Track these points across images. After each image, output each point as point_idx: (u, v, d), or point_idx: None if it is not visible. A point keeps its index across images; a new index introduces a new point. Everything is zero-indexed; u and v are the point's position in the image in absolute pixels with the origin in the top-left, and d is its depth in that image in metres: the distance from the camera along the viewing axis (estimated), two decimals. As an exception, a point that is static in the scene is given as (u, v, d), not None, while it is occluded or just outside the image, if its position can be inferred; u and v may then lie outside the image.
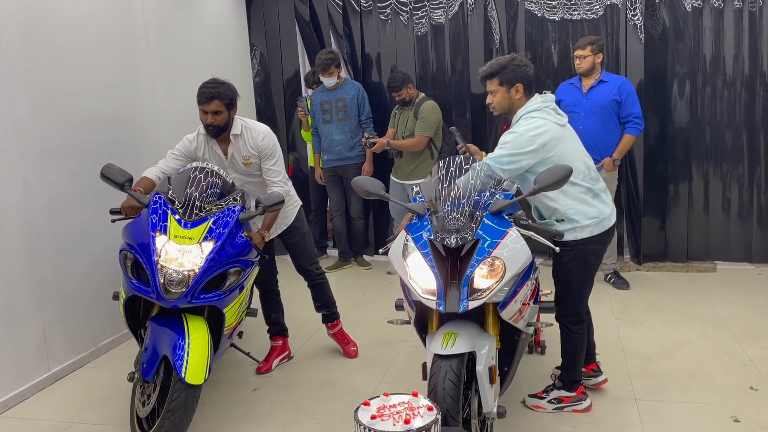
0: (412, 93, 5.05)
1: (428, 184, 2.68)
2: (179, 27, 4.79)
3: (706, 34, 4.93)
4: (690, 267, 5.13)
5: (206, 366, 2.77)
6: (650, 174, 5.17)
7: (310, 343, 3.99)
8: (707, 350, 3.62)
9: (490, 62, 2.82)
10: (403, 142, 5.00)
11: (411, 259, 2.46)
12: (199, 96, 3.24)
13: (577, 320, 2.90)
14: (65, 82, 3.69)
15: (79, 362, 3.78)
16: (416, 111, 4.99)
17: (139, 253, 2.82)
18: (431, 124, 4.96)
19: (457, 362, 2.31)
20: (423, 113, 4.95)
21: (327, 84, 5.29)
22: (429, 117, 4.94)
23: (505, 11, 5.23)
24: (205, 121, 3.26)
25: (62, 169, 3.66)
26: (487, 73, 2.80)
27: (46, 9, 3.56)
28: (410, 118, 5.01)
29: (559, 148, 2.70)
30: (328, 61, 5.17)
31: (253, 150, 3.35)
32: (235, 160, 3.38)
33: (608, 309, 4.35)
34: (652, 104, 5.07)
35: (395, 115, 5.23)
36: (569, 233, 2.72)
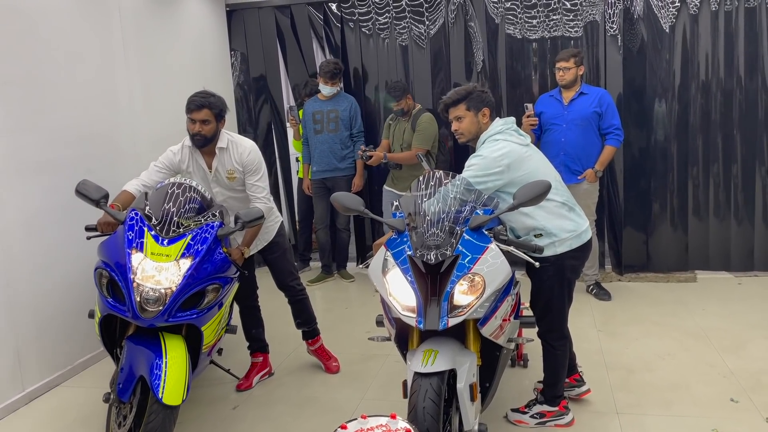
0: (410, 104, 5.04)
1: (408, 199, 2.67)
2: (158, 40, 4.75)
3: (683, 48, 4.99)
4: (671, 277, 5.16)
5: (184, 386, 2.72)
6: (631, 185, 5.20)
7: (291, 359, 3.95)
8: (688, 362, 3.63)
9: (454, 90, 2.86)
10: (400, 155, 4.94)
11: (390, 276, 2.44)
12: (188, 104, 3.22)
13: (559, 336, 2.90)
14: (40, 96, 3.64)
15: (55, 381, 3.71)
16: (413, 123, 4.97)
17: (114, 271, 2.77)
18: (429, 137, 4.94)
19: (438, 380, 2.28)
20: (421, 126, 4.93)
21: (327, 93, 5.26)
22: (427, 130, 4.93)
23: (485, 26, 5.25)
24: (193, 130, 3.23)
25: (37, 185, 3.60)
26: (453, 99, 2.82)
27: (20, 23, 3.51)
28: (407, 129, 4.99)
29: (525, 167, 2.73)
30: (336, 70, 5.17)
31: (238, 165, 3.33)
32: (219, 174, 3.35)
33: (590, 320, 4.35)
34: (631, 116, 5.12)
35: (389, 126, 5.20)
36: (548, 248, 2.72)
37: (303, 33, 5.71)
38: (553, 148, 4.66)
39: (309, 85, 5.59)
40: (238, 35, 5.83)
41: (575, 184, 4.64)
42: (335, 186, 5.36)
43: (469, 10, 5.27)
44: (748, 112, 4.96)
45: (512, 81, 5.32)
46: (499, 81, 5.33)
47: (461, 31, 5.32)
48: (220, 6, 5.68)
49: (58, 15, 3.78)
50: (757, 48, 4.88)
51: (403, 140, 5.00)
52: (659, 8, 4.97)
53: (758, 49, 4.88)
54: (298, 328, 3.72)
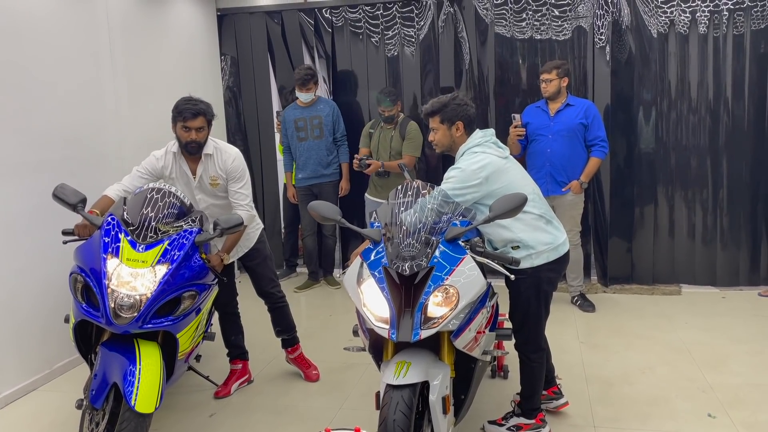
0: (399, 109, 5.04)
1: (385, 209, 2.66)
2: (147, 43, 4.74)
3: (672, 60, 5.01)
4: (655, 290, 5.16)
5: (157, 394, 2.69)
6: (617, 197, 5.21)
7: (271, 366, 3.93)
8: (668, 376, 3.62)
9: (432, 100, 2.87)
10: (395, 164, 4.85)
11: (365, 286, 2.43)
12: (182, 112, 3.20)
13: (535, 348, 2.89)
14: (23, 98, 3.62)
15: (32, 385, 3.68)
16: (402, 130, 4.96)
17: (89, 277, 2.74)
18: (419, 145, 4.99)
19: (409, 392, 2.27)
20: (411, 134, 4.94)
21: (304, 99, 5.26)
22: (417, 138, 4.96)
23: (475, 31, 5.26)
24: (188, 138, 3.22)
25: (17, 187, 3.58)
26: (429, 110, 2.84)
27: (4, 26, 3.49)
28: (395, 137, 4.97)
29: (503, 179, 2.73)
30: (307, 77, 5.16)
31: (222, 171, 3.32)
32: (202, 181, 3.35)
33: (573, 332, 4.35)
34: (618, 128, 5.13)
35: (369, 134, 5.19)
36: (525, 260, 2.71)
37: (293, 39, 5.71)
38: (539, 158, 4.67)
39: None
40: (228, 40, 5.83)
41: (560, 195, 4.64)
42: (322, 192, 5.35)
43: (459, 18, 5.28)
44: (735, 124, 4.97)
45: (500, 89, 5.33)
46: (488, 88, 5.34)
47: (451, 39, 5.33)
48: (210, 10, 5.67)
49: (43, 17, 3.76)
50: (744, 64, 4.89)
51: (392, 148, 4.99)
52: (648, 18, 4.98)
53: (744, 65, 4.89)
54: (278, 336, 3.70)
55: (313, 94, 5.26)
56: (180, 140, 3.27)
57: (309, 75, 5.18)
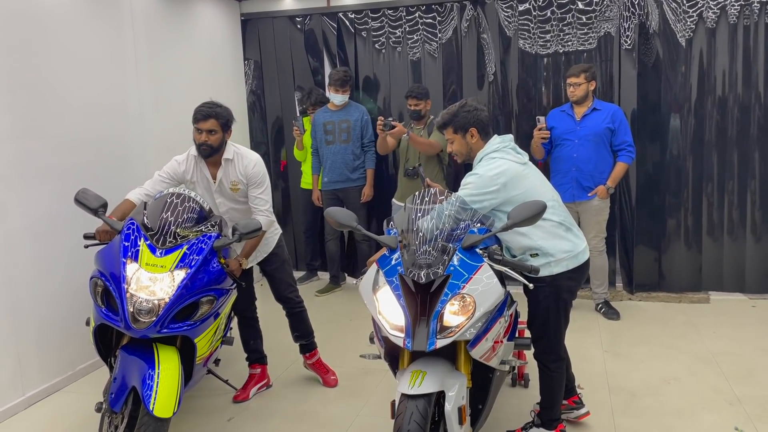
0: (428, 108, 4.99)
1: (401, 215, 2.64)
2: (171, 47, 4.79)
3: (699, 64, 4.89)
4: (683, 298, 5.04)
5: (175, 399, 2.70)
6: (643, 202, 5.11)
7: (290, 371, 3.93)
8: (694, 387, 3.53)
9: (442, 113, 2.87)
10: (421, 140, 4.71)
11: (381, 294, 2.41)
12: (195, 114, 3.25)
13: (555, 358, 2.84)
14: (49, 103, 3.68)
15: (55, 386, 3.73)
16: (430, 131, 4.93)
17: (109, 281, 2.77)
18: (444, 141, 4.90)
19: (424, 403, 2.24)
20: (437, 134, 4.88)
21: (338, 102, 5.25)
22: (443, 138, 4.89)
23: (498, 34, 5.21)
24: (199, 140, 3.26)
25: (42, 191, 3.64)
26: (440, 123, 2.84)
27: (30, 31, 3.56)
28: (424, 134, 4.91)
29: (522, 186, 2.70)
30: (346, 77, 5.17)
31: (242, 177, 3.34)
32: (222, 185, 3.36)
33: (596, 340, 4.27)
34: (645, 132, 5.03)
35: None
36: (544, 268, 2.67)
37: (315, 44, 5.72)
38: (565, 164, 4.60)
39: (314, 93, 5.56)
40: (252, 44, 5.86)
41: (586, 200, 4.57)
42: (347, 197, 5.34)
43: (482, 22, 5.24)
44: (766, 128, 4.84)
45: (524, 93, 5.27)
46: (511, 93, 5.28)
47: (473, 43, 5.28)
48: (234, 15, 5.71)
49: (68, 21, 3.82)
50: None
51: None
52: (675, 22, 4.89)
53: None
54: (296, 341, 3.70)
55: (347, 98, 5.25)
56: (195, 142, 3.30)
57: (347, 77, 5.18)
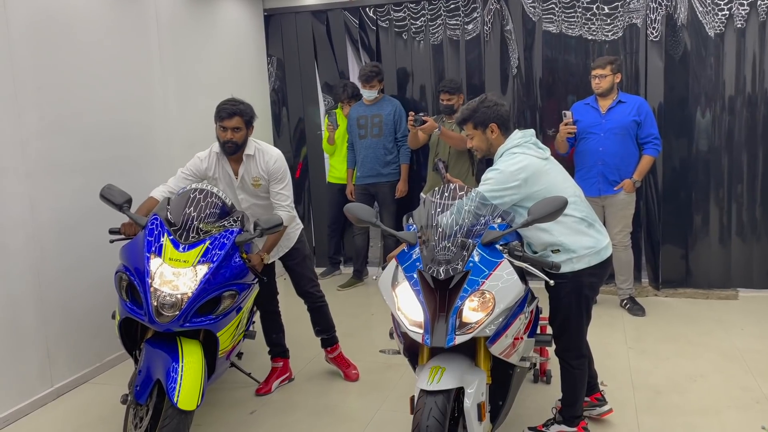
0: (460, 102, 4.94)
1: (421, 211, 2.63)
2: (195, 44, 4.84)
3: (728, 57, 4.78)
4: (711, 294, 4.95)
5: (199, 391, 2.74)
6: (670, 196, 5.02)
7: (312, 364, 3.95)
8: (720, 385, 3.47)
9: (462, 108, 2.84)
10: (453, 134, 4.66)
11: (400, 290, 2.41)
12: (219, 112, 3.27)
13: (576, 355, 2.81)
14: (75, 100, 3.74)
15: (83, 378, 3.81)
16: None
17: (133, 275, 2.82)
18: None
19: (443, 399, 2.24)
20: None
21: (367, 97, 5.25)
22: None
23: (522, 27, 5.16)
24: (224, 138, 3.28)
25: (70, 186, 3.71)
26: (460, 119, 2.82)
27: (57, 28, 3.62)
28: (456, 131, 4.85)
29: (543, 181, 2.67)
30: (372, 73, 5.16)
31: (264, 173, 3.36)
32: (244, 181, 3.39)
33: (621, 336, 4.22)
34: (672, 126, 4.94)
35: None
36: (566, 264, 2.64)
37: (337, 37, 5.72)
38: (591, 157, 4.54)
39: (349, 87, 5.54)
40: (275, 40, 5.88)
41: (612, 194, 4.51)
42: (378, 192, 5.35)
43: (506, 14, 5.19)
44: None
45: (548, 87, 5.21)
46: (534, 86, 5.23)
47: (497, 36, 5.24)
48: (258, 10, 5.74)
49: (94, 19, 3.87)
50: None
51: None
52: (704, 14, 4.78)
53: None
54: (318, 335, 3.73)
55: (377, 92, 5.24)
56: (218, 140, 3.33)
57: (373, 72, 5.16)
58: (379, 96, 5.29)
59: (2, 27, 3.29)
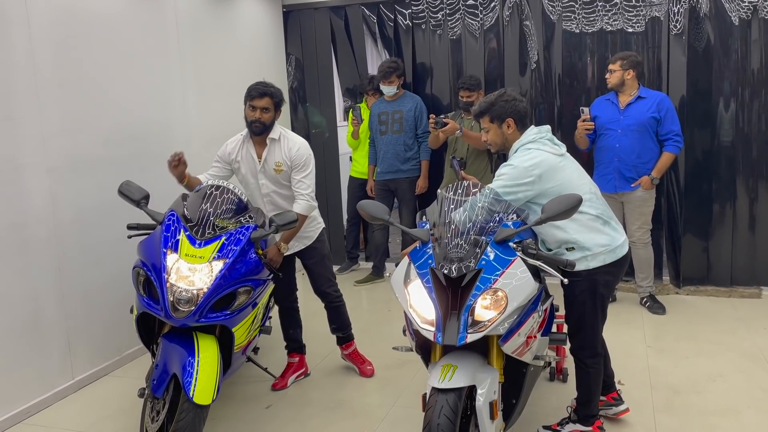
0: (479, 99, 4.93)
1: (434, 208, 2.62)
2: (214, 41, 4.87)
3: (754, 48, 4.68)
4: (733, 292, 4.87)
5: (215, 386, 2.77)
6: (692, 192, 4.94)
7: (327, 360, 3.97)
8: (741, 385, 3.42)
9: (480, 100, 2.84)
10: (474, 134, 4.58)
11: (412, 287, 2.41)
12: (250, 91, 3.36)
13: (592, 354, 2.79)
14: (96, 97, 3.79)
15: (104, 371, 3.87)
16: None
17: (150, 271, 2.86)
18: None
19: (454, 397, 2.24)
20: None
21: (387, 93, 5.25)
22: None
23: (542, 22, 5.11)
24: (253, 117, 3.34)
25: (91, 182, 3.76)
26: (477, 111, 2.81)
27: (78, 26, 3.66)
28: (475, 127, 4.81)
29: (557, 178, 2.64)
30: (390, 69, 5.15)
31: (287, 158, 3.39)
32: (267, 165, 3.42)
33: (640, 335, 4.17)
34: (695, 120, 4.86)
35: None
36: (580, 262, 2.62)
37: (356, 33, 5.72)
38: (607, 154, 4.49)
39: (376, 79, 5.44)
40: (293, 38, 5.88)
41: (629, 191, 4.45)
42: (398, 188, 5.35)
43: (525, 8, 5.14)
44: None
45: (568, 82, 5.15)
46: (554, 81, 5.17)
47: (516, 30, 5.19)
48: (276, 7, 5.76)
49: (114, 17, 3.92)
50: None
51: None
52: (729, 4, 4.68)
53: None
54: (333, 333, 3.75)
55: (396, 88, 5.23)
56: (246, 119, 3.38)
57: (391, 68, 5.15)
58: (399, 92, 5.28)
59: (24, 25, 3.35)
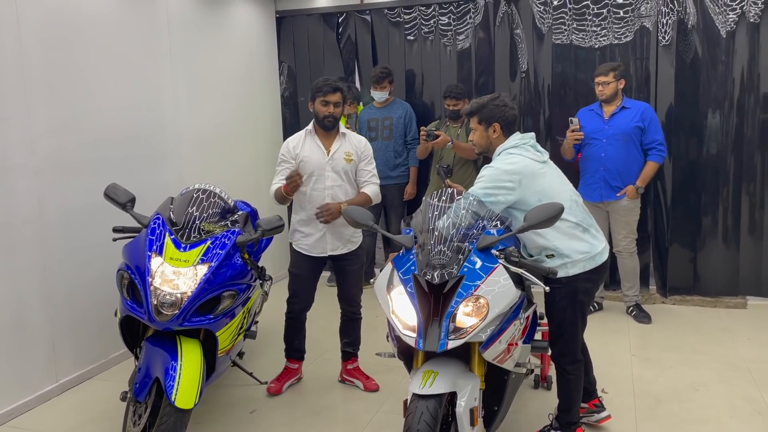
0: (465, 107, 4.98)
1: (418, 215, 2.64)
2: (206, 44, 4.87)
3: (740, 60, 4.73)
4: (719, 302, 4.90)
5: (197, 391, 2.77)
6: (679, 202, 4.98)
7: (315, 364, 3.97)
8: (723, 395, 3.44)
9: (473, 101, 2.88)
10: (465, 145, 4.67)
11: (395, 293, 2.42)
12: (322, 87, 3.40)
13: (572, 360, 2.80)
14: (86, 99, 3.79)
15: (89, 374, 3.86)
16: (467, 128, 4.92)
17: (134, 274, 2.86)
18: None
19: (435, 403, 2.24)
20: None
21: (378, 99, 5.27)
22: None
23: (532, 31, 5.15)
24: (326, 112, 3.39)
25: (79, 184, 3.75)
26: (468, 111, 2.86)
27: (67, 27, 3.67)
28: (461, 135, 4.89)
29: (538, 184, 2.67)
30: (383, 74, 5.19)
31: (357, 150, 3.50)
32: (336, 156, 3.45)
33: (625, 344, 4.19)
34: (682, 131, 4.90)
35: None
36: (561, 269, 2.64)
37: (347, 40, 5.74)
38: (593, 163, 4.53)
39: (352, 90, 5.55)
40: (287, 45, 5.89)
41: (615, 200, 4.48)
42: (387, 194, 5.34)
43: (516, 18, 5.18)
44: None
45: (556, 90, 5.19)
46: (543, 89, 5.21)
47: (506, 39, 5.23)
48: (269, 12, 5.78)
49: (105, 19, 3.92)
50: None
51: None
52: (716, 13, 4.73)
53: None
54: (344, 347, 3.70)
55: (387, 94, 5.26)
56: (318, 115, 3.43)
57: (384, 73, 5.20)
58: (389, 98, 5.31)
59: (13, 26, 3.35)
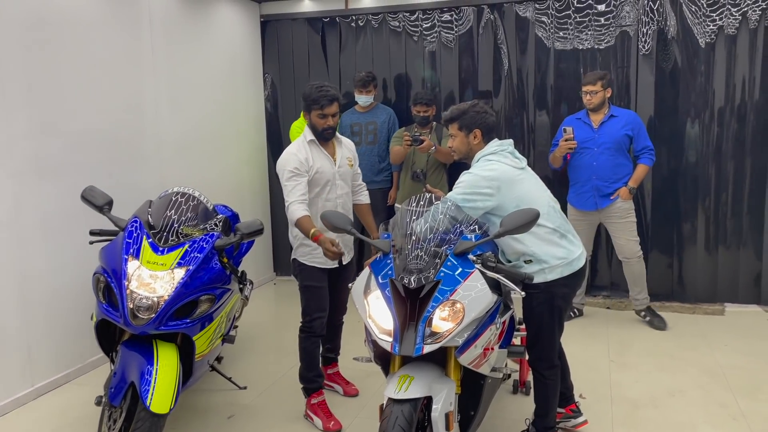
0: (433, 113, 5.03)
1: (396, 220, 2.64)
2: (189, 47, 4.86)
3: (718, 66, 4.81)
4: (697, 309, 4.95)
5: (172, 395, 2.74)
6: (659, 210, 5.04)
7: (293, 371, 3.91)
8: (699, 400, 3.47)
9: (452, 107, 2.88)
10: (444, 150, 4.69)
11: (371, 298, 2.43)
12: (319, 99, 3.18)
13: (549, 365, 2.82)
14: (65, 101, 3.76)
15: (64, 378, 3.82)
16: (439, 134, 4.97)
17: (110, 277, 2.84)
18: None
19: (410, 407, 2.25)
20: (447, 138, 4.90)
21: (363, 103, 5.28)
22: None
23: (515, 38, 5.19)
24: (325, 125, 3.23)
25: (57, 187, 3.72)
26: (447, 117, 2.86)
27: (47, 28, 3.64)
28: (432, 139, 4.94)
29: (516, 190, 2.69)
30: (368, 78, 5.21)
31: (353, 153, 3.47)
32: (342, 164, 3.37)
33: (604, 349, 4.22)
34: (662, 139, 4.96)
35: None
36: (538, 275, 2.66)
37: (332, 44, 5.75)
38: (584, 172, 4.55)
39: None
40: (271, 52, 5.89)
41: (609, 205, 4.52)
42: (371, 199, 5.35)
43: (499, 25, 5.22)
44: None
45: (540, 97, 5.23)
46: (527, 96, 5.25)
47: (490, 45, 5.27)
48: (254, 16, 5.77)
49: (86, 20, 3.89)
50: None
51: (428, 153, 4.94)
52: (695, 24, 4.80)
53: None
54: (326, 353, 3.66)
55: (372, 98, 5.28)
56: (316, 128, 3.24)
57: (369, 77, 5.23)
58: (373, 103, 5.32)
59: (-9, 28, 3.33)
